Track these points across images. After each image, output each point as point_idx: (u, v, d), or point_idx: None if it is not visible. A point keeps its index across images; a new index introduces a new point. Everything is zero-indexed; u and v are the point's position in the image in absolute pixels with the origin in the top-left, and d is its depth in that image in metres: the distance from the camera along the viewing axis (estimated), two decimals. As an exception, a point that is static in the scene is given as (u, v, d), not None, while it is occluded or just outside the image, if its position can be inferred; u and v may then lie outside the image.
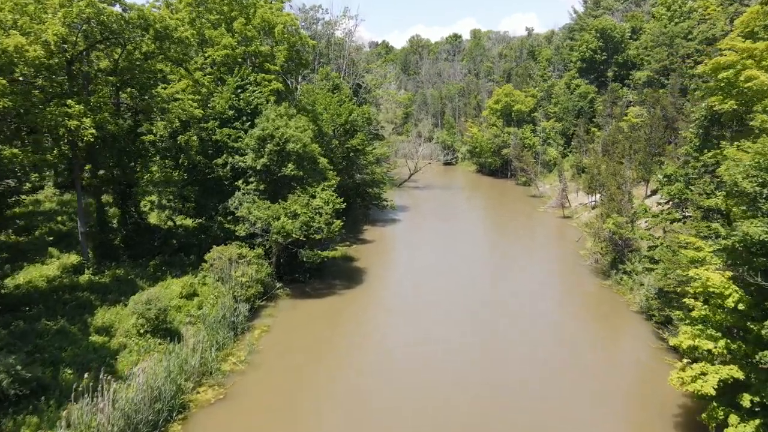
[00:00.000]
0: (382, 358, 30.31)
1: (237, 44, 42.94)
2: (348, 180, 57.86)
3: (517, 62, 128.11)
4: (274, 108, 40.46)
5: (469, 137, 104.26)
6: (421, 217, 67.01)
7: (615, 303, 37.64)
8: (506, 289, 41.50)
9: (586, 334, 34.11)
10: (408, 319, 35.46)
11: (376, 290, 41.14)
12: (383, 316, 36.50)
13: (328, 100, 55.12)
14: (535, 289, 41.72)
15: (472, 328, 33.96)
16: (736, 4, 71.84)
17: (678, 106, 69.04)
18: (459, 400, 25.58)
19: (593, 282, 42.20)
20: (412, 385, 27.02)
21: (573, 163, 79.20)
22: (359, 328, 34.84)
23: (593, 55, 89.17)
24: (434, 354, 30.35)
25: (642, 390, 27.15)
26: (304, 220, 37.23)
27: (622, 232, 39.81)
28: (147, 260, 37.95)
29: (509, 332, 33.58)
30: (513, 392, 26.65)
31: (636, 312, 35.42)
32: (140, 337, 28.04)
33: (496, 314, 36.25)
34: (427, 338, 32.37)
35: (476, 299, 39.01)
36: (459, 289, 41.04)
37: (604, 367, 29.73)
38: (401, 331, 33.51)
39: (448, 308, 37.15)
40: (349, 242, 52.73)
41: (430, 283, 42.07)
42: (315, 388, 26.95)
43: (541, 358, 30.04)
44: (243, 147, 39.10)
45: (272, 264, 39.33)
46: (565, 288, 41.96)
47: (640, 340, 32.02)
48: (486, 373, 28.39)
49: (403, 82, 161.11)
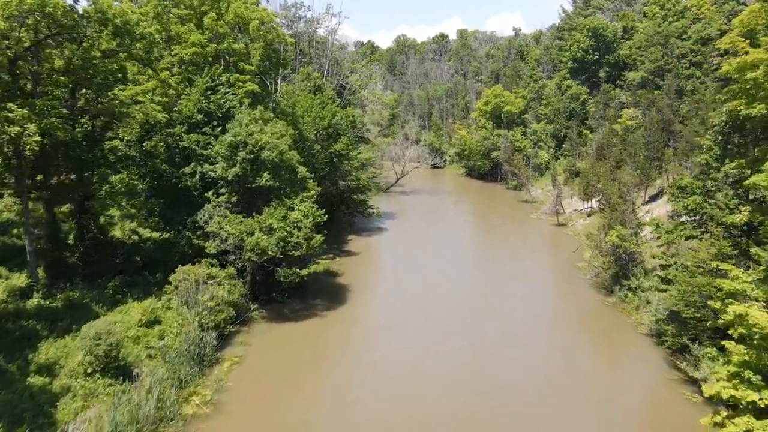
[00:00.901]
0: (365, 389, 26.96)
1: (208, 42, 39.24)
2: (331, 187, 54.38)
3: (505, 62, 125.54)
4: (247, 112, 36.87)
5: (457, 139, 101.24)
6: (409, 226, 63.68)
7: (621, 324, 34.60)
8: (502, 310, 38.27)
9: (592, 360, 31.01)
10: (393, 348, 32.06)
11: (360, 311, 37.70)
12: (367, 341, 33.07)
13: (309, 102, 51.60)
14: (533, 309, 38.58)
15: (466, 356, 30.72)
16: (732, 2, 69.58)
17: (674, 107, 66.63)
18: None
19: (595, 299, 39.17)
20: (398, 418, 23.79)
21: (566, 167, 76.50)
22: (341, 354, 31.39)
23: (585, 55, 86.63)
24: (424, 389, 27.05)
25: (652, 416, 24.30)
26: (281, 235, 33.69)
27: (627, 246, 36.83)
28: (106, 280, 34.13)
29: (507, 358, 30.37)
30: (513, 420, 23.57)
31: (645, 335, 32.40)
32: (87, 377, 24.31)
33: (493, 340, 33.00)
34: (415, 373, 29.02)
35: (470, 321, 35.75)
36: (450, 308, 37.75)
37: (613, 397, 26.64)
38: (385, 363, 30.11)
39: (439, 331, 33.83)
40: (332, 254, 49.21)
41: (417, 304, 38.57)
42: (292, 425, 23.60)
43: (541, 386, 27.01)
44: (213, 155, 35.46)
45: (246, 284, 35.74)
46: (566, 306, 38.86)
47: (651, 366, 29.00)
48: (483, 405, 25.17)
49: (389, 82, 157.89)
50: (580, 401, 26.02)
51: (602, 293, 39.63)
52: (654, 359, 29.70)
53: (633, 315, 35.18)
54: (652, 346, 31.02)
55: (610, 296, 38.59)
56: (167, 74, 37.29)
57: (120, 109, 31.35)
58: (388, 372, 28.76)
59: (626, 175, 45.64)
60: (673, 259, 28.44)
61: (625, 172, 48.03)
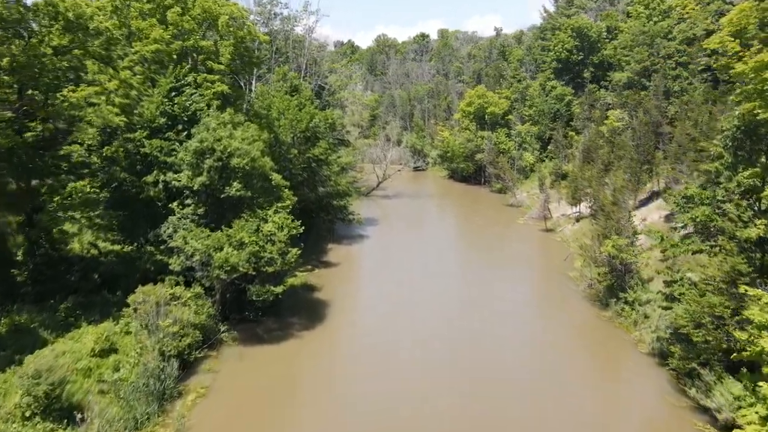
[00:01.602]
0: (346, 421, 24.24)
1: (172, 38, 36.09)
2: (309, 193, 51.48)
3: (487, 63, 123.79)
4: (216, 115, 33.83)
5: (440, 141, 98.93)
6: (391, 233, 61.06)
7: (619, 342, 32.41)
8: (491, 322, 35.88)
9: (589, 383, 28.75)
10: (376, 368, 29.37)
11: (341, 330, 34.92)
12: (348, 365, 30.31)
13: (285, 103, 48.63)
14: (524, 327, 36.31)
15: (452, 373, 28.18)
16: (718, 1, 68.36)
17: (662, 109, 65.18)
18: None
19: (590, 312, 36.99)
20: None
21: (552, 170, 74.64)
22: (320, 380, 28.59)
23: (569, 56, 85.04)
24: (410, 421, 24.43)
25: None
26: (253, 250, 30.75)
27: (624, 257, 34.70)
28: (59, 301, 30.80)
29: (498, 383, 27.92)
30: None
31: (646, 354, 30.22)
32: (26, 422, 21.11)
33: (482, 363, 30.50)
34: (401, 405, 26.37)
35: (456, 335, 33.22)
36: (437, 329, 35.18)
37: (614, 426, 24.39)
38: (368, 392, 27.39)
39: (425, 357, 31.21)
40: (311, 266, 46.28)
41: (402, 324, 35.75)
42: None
43: (536, 413, 24.61)
44: (177, 162, 32.36)
45: (216, 302, 32.72)
46: (559, 322, 36.55)
47: (655, 391, 26.79)
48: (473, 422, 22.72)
49: (369, 82, 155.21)
50: (578, 429, 23.71)
51: (597, 306, 37.45)
52: (658, 382, 27.50)
53: (631, 331, 33.02)
54: (655, 367, 28.84)
55: (606, 310, 36.43)
56: (128, 74, 34.05)
57: (70, 112, 28.08)
58: (371, 403, 26.05)
59: (619, 180, 43.67)
60: (679, 274, 26.24)
61: (618, 177, 46.10)
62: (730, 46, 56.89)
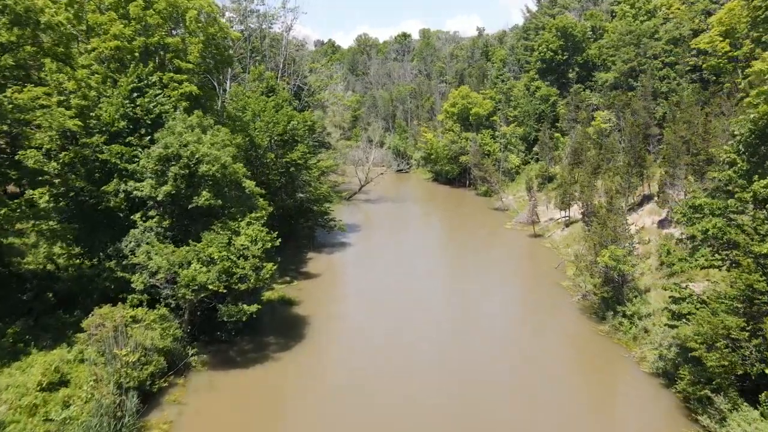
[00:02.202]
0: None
1: (134, 34, 33.13)
2: (288, 200, 48.79)
3: (470, 63, 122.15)
4: (182, 118, 31.00)
5: (423, 143, 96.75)
6: (375, 240, 58.58)
7: (619, 360, 30.37)
8: (481, 337, 33.66)
9: (589, 406, 26.64)
10: (362, 396, 26.91)
11: (322, 350, 32.29)
12: (329, 390, 27.75)
13: (261, 105, 45.87)
14: (516, 339, 34.17)
15: (441, 402, 25.83)
16: (704, 1, 67.30)
17: (650, 110, 63.84)
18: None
19: (585, 326, 34.97)
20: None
21: (539, 172, 72.96)
22: (299, 408, 26.01)
23: (554, 56, 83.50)
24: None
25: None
26: (224, 266, 28.04)
27: (622, 268, 32.71)
28: (7, 324, 27.70)
29: (488, 400, 25.66)
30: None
31: (649, 374, 28.20)
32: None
33: (473, 384, 28.21)
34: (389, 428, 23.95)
35: (445, 360, 30.90)
36: (424, 345, 32.83)
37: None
38: (354, 416, 24.90)
39: (413, 377, 28.84)
40: (289, 277, 43.59)
41: (387, 341, 33.31)
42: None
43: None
44: (139, 170, 29.47)
45: (184, 323, 29.91)
46: (553, 337, 34.45)
47: (662, 416, 24.78)
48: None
49: (350, 82, 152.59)
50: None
51: (593, 319, 35.44)
52: (664, 407, 25.47)
53: (632, 347, 31.02)
54: (660, 389, 26.81)
55: (602, 323, 34.42)
56: (84, 73, 31.03)
57: (14, 115, 25.05)
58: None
59: (613, 184, 41.85)
60: (687, 290, 24.22)
61: (612, 181, 44.33)
62: (720, 45, 55.90)
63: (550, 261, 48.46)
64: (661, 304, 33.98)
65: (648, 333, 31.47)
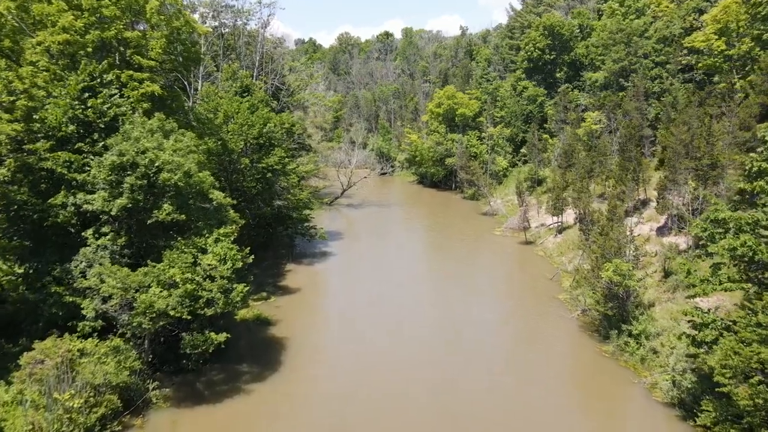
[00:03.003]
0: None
1: (87, 27, 29.55)
2: (265, 207, 45.43)
3: (453, 62, 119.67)
4: (142, 121, 27.56)
5: (407, 144, 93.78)
6: (358, 249, 55.40)
7: (629, 386, 27.69)
8: (475, 361, 30.72)
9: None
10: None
11: (302, 378, 29.03)
12: (310, 428, 24.59)
13: (235, 106, 42.45)
14: (513, 358, 31.35)
15: (436, 426, 22.93)
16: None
17: (642, 110, 61.76)
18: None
19: (587, 346, 32.30)
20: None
21: (527, 175, 70.48)
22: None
23: (541, 55, 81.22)
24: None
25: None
26: (188, 289, 24.70)
27: (628, 284, 30.09)
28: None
29: (487, 426, 22.86)
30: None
31: (664, 404, 25.54)
32: None
33: (467, 404, 25.29)
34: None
35: (438, 381, 27.94)
36: (412, 369, 29.83)
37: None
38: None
39: (402, 404, 25.82)
40: (266, 292, 40.26)
41: (373, 367, 30.26)
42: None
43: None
44: (91, 180, 25.96)
45: (144, 352, 26.49)
46: (552, 357, 31.70)
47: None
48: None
49: (332, 82, 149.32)
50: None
51: (595, 338, 32.80)
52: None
53: (641, 372, 28.38)
54: (677, 422, 24.14)
55: (606, 343, 31.77)
56: (29, 70, 27.40)
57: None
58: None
59: (609, 189, 39.27)
60: (711, 315, 21.57)
61: (605, 185, 41.77)
62: (716, 44, 53.82)
63: (544, 271, 45.86)
64: (668, 320, 31.63)
65: (657, 355, 28.95)
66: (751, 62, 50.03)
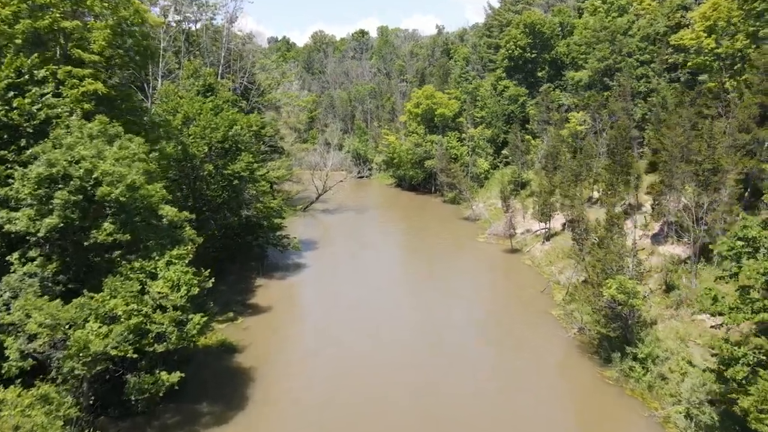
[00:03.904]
0: None
1: (15, 15, 25.44)
2: (232, 218, 41.58)
3: (430, 61, 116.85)
4: (79, 124, 23.62)
5: (385, 146, 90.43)
6: (333, 258, 51.79)
7: (637, 419, 24.82)
8: (463, 388, 27.50)
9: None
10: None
11: (272, 419, 25.46)
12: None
13: (196, 106, 38.50)
14: (506, 386, 28.23)
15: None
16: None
17: (629, 111, 59.63)
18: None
19: (587, 370, 29.40)
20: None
21: (510, 178, 67.85)
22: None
23: (522, 53, 78.74)
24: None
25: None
26: (134, 323, 20.93)
27: (634, 304, 27.27)
28: None
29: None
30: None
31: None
32: None
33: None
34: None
35: (422, 416, 24.65)
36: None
37: None
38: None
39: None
40: (233, 312, 36.49)
41: (352, 393, 27.00)
42: None
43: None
44: (14, 195, 21.94)
45: (82, 395, 22.56)
46: (551, 384, 28.68)
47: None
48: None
49: (306, 81, 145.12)
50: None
51: (595, 361, 29.95)
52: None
53: (649, 402, 25.59)
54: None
55: (608, 367, 28.91)
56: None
57: None
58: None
59: (610, 196, 36.65)
60: (741, 349, 18.72)
61: (609, 193, 39.25)
62: (705, 42, 51.71)
63: (534, 282, 43.04)
64: (674, 340, 29.04)
65: (666, 381, 26.21)
66: (741, 60, 48.12)
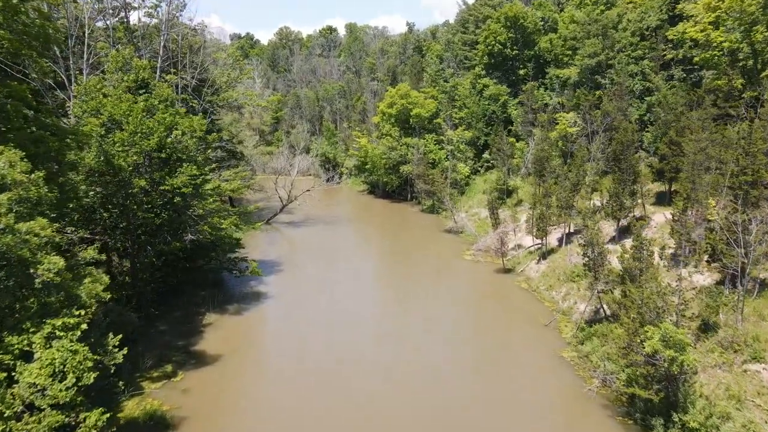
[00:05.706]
0: None
1: None
2: (173, 242, 34.18)
3: (402, 59, 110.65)
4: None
5: (356, 149, 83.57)
6: (301, 284, 44.52)
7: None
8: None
9: None
10: None
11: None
12: None
13: (125, 107, 30.92)
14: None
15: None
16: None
17: (624, 111, 54.36)
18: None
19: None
20: None
21: (495, 185, 61.95)
22: None
23: (503, 49, 72.97)
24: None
25: None
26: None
27: (684, 360, 21.20)
28: None
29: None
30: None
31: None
32: None
33: None
34: None
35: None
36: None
37: None
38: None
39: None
40: (172, 364, 29.11)
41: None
42: None
43: None
44: None
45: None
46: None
47: None
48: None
49: (271, 80, 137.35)
50: None
51: (629, 427, 23.82)
52: None
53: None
54: None
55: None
56: None
57: None
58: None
59: (640, 221, 30.53)
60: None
61: (618, 207, 33.38)
62: (713, 35, 46.55)
63: (534, 311, 36.92)
64: (724, 396, 23.21)
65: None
66: (753, 56, 43.22)
